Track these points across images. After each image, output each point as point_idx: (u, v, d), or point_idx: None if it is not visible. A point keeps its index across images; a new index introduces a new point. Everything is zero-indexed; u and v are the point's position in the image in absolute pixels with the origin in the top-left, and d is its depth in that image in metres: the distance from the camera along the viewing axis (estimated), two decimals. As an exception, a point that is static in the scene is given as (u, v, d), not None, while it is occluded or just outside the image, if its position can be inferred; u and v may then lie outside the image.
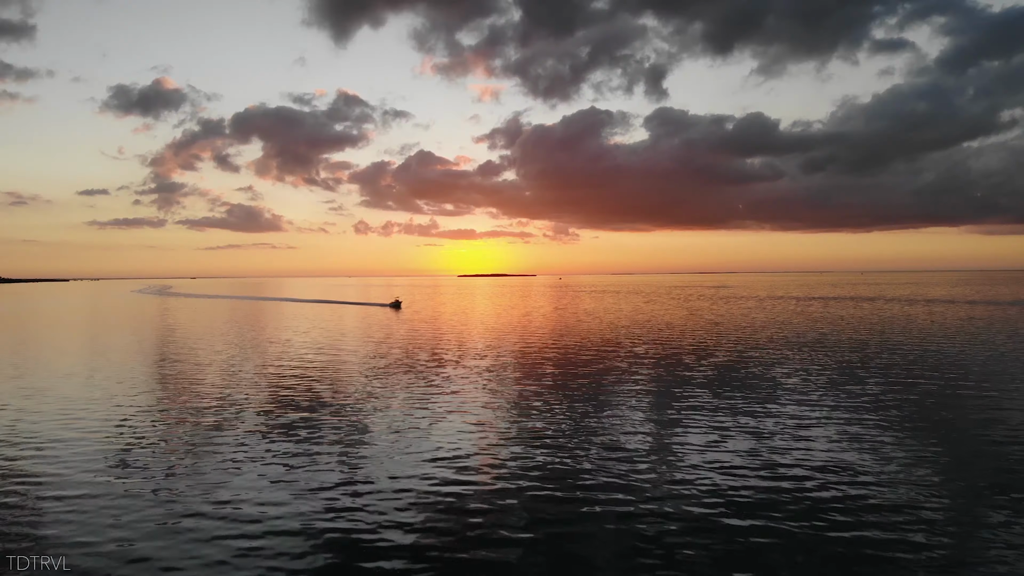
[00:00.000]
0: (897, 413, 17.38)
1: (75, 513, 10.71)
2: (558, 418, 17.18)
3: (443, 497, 11.32)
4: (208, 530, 9.94)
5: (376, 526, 10.07)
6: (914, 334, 37.51)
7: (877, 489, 11.50)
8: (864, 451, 13.93)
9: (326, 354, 30.96)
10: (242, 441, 15.10)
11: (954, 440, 14.80)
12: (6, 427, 16.79)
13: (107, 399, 20.43)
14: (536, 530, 9.91)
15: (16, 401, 20.23)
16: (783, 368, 25.33)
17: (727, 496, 11.28)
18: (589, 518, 10.41)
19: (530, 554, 9.14)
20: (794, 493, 11.39)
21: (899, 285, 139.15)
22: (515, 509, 10.78)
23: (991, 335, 36.43)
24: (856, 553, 9.08)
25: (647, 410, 18.02)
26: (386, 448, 14.35)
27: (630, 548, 9.28)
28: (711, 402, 18.95)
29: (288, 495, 11.45)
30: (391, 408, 18.57)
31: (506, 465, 13.13)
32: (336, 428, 16.20)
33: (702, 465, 13.04)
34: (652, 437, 15.18)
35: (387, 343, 36.01)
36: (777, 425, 16.21)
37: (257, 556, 9.09)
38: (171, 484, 12.13)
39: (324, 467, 13.02)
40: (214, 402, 19.70)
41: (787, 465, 13.00)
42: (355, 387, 22.06)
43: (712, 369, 25.10)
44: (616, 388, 21.28)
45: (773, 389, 20.94)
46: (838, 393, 20.23)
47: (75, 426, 16.81)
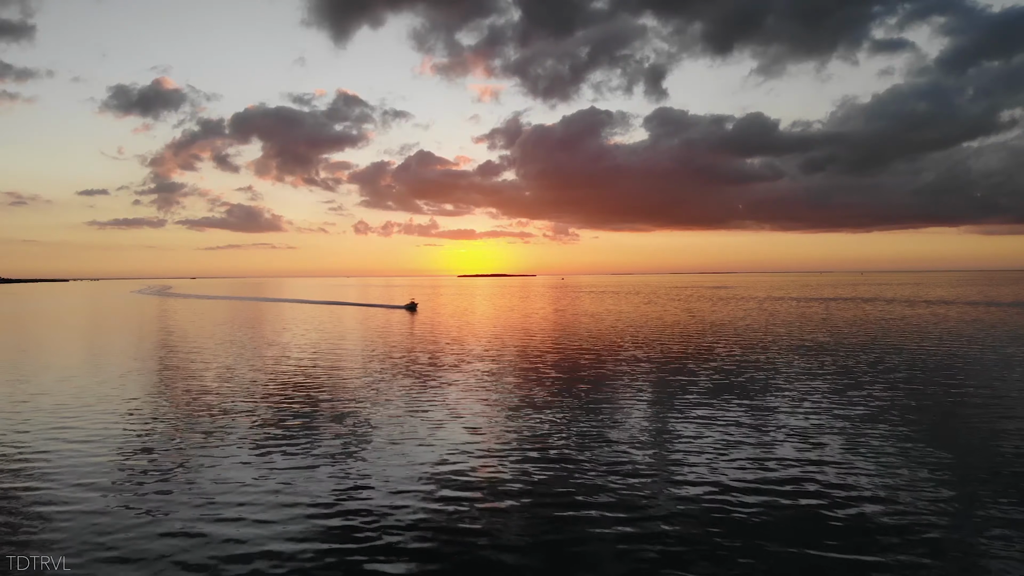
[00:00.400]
0: (899, 417, 17.49)
1: (75, 514, 10.84)
2: (603, 421, 17.41)
3: (468, 497, 11.52)
4: (208, 532, 10.05)
5: (394, 527, 10.20)
6: (915, 336, 37.64)
7: (878, 494, 11.60)
8: (866, 457, 14.03)
9: (349, 360, 30.06)
10: (265, 446, 15.23)
11: (955, 441, 14.92)
12: (6, 428, 17.07)
13: (108, 400, 20.58)
14: (539, 533, 10.03)
15: (15, 402, 20.40)
16: (784, 371, 25.46)
17: (728, 497, 11.38)
18: (594, 520, 10.50)
19: (532, 556, 9.24)
20: (794, 496, 11.50)
21: (900, 285, 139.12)
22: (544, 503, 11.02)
23: (993, 337, 36.57)
24: (855, 555, 9.15)
25: (658, 412, 18.17)
26: (425, 455, 14.46)
27: (631, 551, 9.38)
28: (722, 404, 19.12)
29: (301, 499, 11.57)
30: (428, 412, 18.55)
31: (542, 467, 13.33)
32: (372, 435, 16.30)
33: (705, 465, 13.15)
34: (657, 440, 15.33)
35: (412, 346, 35.29)
36: (778, 429, 16.35)
37: (256, 556, 9.21)
38: (171, 486, 12.25)
39: (351, 473, 13.09)
40: (234, 407, 19.73)
41: (787, 468, 13.11)
42: (388, 392, 21.95)
43: (719, 373, 25.22)
44: (641, 392, 21.50)
45: (774, 392, 21.08)
46: (839, 395, 20.36)
47: (75, 427, 16.95)
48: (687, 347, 33.02)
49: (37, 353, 33.31)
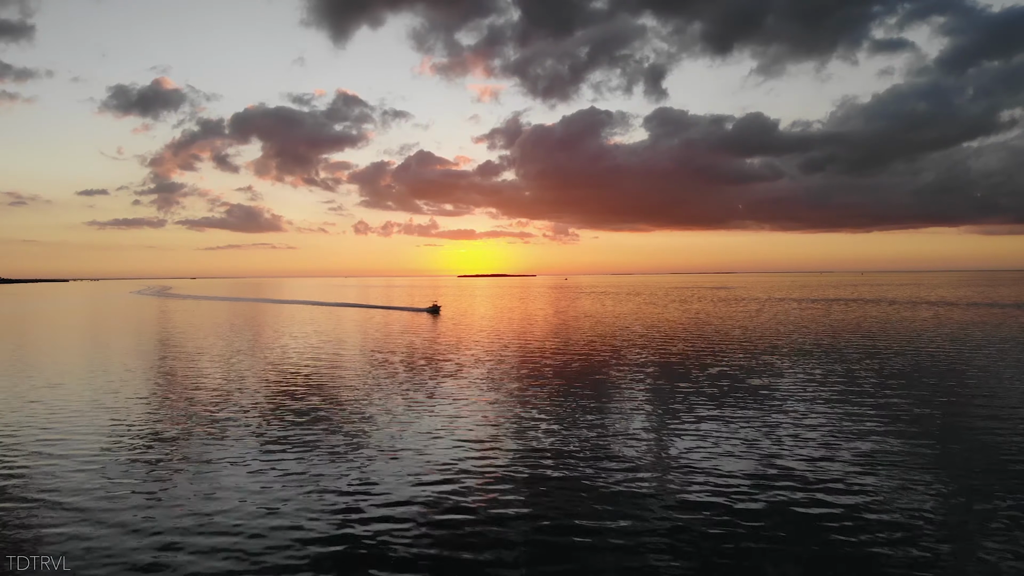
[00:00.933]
0: (904, 426, 17.62)
1: (75, 515, 10.98)
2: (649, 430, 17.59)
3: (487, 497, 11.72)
4: (208, 533, 10.20)
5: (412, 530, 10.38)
6: (918, 337, 37.76)
7: (879, 499, 11.72)
8: (867, 461, 14.18)
9: (378, 365, 28.61)
10: (293, 452, 15.40)
11: (960, 443, 15.12)
12: (6, 429, 17.20)
13: (107, 401, 20.77)
14: (542, 536, 10.21)
15: (15, 404, 20.58)
16: (787, 372, 25.64)
17: (727, 500, 11.55)
18: (596, 518, 10.68)
19: (532, 559, 9.40)
20: (794, 499, 11.65)
21: (901, 286, 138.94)
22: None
23: (998, 339, 36.72)
24: (855, 557, 9.29)
25: (672, 416, 18.44)
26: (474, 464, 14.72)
27: (636, 554, 9.50)
28: (730, 406, 19.36)
29: (319, 504, 11.74)
30: (481, 418, 18.68)
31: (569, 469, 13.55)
32: (411, 443, 16.44)
33: (706, 468, 13.35)
34: (667, 442, 15.58)
35: (443, 351, 34.25)
36: (779, 432, 16.53)
37: (257, 557, 9.34)
38: (171, 488, 12.40)
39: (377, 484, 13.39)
40: (264, 413, 19.80)
41: (787, 471, 13.27)
42: (426, 400, 21.83)
43: (725, 376, 25.43)
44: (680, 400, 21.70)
45: (776, 397, 21.28)
46: (842, 397, 20.57)
47: (75, 428, 17.13)
48: (698, 348, 33.25)
49: (34, 355, 33.54)
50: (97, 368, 28.10)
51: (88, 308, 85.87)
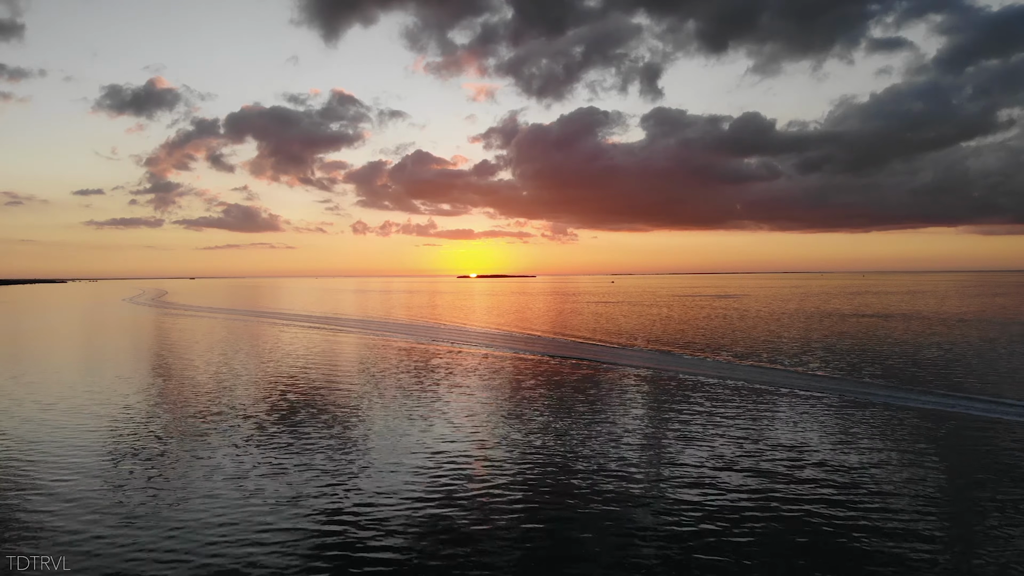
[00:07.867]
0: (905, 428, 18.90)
1: (76, 514, 12.04)
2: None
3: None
4: (207, 534, 11.11)
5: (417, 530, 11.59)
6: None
7: (880, 505, 12.57)
8: (867, 464, 15.37)
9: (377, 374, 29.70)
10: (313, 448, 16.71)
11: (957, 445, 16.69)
12: (6, 429, 18.76)
13: (108, 402, 22.60)
14: (541, 537, 11.24)
15: (14, 405, 22.34)
16: (789, 379, 27.19)
17: (727, 502, 12.62)
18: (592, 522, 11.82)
19: (531, 562, 10.35)
20: (795, 503, 12.66)
21: (910, 294, 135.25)
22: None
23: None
24: (855, 558, 10.21)
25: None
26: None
27: (631, 557, 10.33)
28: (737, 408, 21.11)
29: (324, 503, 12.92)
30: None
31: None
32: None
33: (709, 471, 14.83)
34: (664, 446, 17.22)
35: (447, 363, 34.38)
36: (781, 436, 17.85)
37: (256, 559, 10.28)
38: (171, 489, 13.52)
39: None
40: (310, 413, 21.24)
41: (788, 475, 14.45)
42: (423, 409, 22.36)
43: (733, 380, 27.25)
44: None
45: (778, 402, 22.88)
46: (845, 403, 22.25)
47: (74, 429, 18.73)
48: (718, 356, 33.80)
49: (33, 354, 34.37)
50: (97, 367, 28.26)
51: (64, 326, 69.30)
